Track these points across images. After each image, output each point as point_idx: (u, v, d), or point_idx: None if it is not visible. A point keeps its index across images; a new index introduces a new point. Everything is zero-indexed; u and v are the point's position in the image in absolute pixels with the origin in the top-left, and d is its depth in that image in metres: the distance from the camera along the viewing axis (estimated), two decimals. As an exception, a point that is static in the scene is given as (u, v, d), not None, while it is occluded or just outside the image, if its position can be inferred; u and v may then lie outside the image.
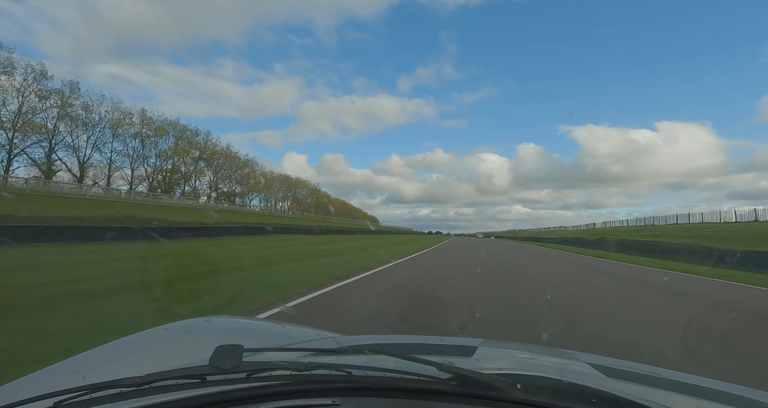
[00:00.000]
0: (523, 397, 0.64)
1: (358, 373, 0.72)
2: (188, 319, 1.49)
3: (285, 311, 5.24)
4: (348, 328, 4.57)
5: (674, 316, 6.16)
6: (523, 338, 4.27)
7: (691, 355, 3.88)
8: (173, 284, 6.93)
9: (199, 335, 1.33)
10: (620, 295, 8.53)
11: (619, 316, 6.07)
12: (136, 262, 11.10)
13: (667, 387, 0.90)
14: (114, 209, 25.14)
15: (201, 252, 15.25)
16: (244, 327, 1.59)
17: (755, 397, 0.83)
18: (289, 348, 0.97)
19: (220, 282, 7.64)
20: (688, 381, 0.95)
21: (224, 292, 6.52)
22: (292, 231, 40.43)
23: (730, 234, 21.66)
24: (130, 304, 5.32)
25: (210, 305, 5.43)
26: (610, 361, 1.10)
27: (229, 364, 0.68)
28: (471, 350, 1.01)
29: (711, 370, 3.34)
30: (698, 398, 0.80)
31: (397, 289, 7.82)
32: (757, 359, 3.90)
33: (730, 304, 7.59)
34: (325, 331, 1.45)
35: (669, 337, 4.68)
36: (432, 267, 13.27)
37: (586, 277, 11.52)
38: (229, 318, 1.88)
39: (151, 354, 1.16)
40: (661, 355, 3.87)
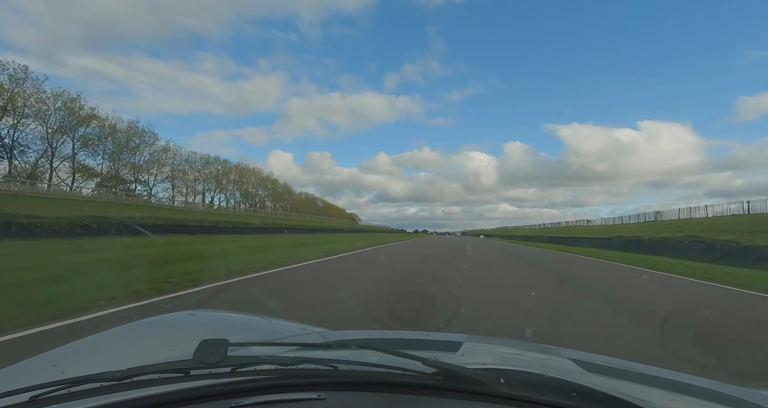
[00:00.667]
0: (506, 391, 0.66)
1: (344, 367, 0.72)
2: (172, 313, 1.47)
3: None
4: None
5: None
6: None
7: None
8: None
9: (183, 329, 1.32)
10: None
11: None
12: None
13: (642, 381, 0.93)
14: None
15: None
16: (230, 321, 1.58)
17: (723, 390, 0.87)
18: (274, 342, 0.96)
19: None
20: (662, 375, 0.98)
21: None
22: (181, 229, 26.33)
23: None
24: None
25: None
26: (590, 357, 1.13)
27: (213, 358, 0.68)
28: (456, 345, 1.03)
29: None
30: (671, 392, 0.83)
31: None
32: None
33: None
34: (311, 326, 1.44)
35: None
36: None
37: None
38: (214, 312, 1.87)
39: (133, 348, 1.14)
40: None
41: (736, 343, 4.21)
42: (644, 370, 1.04)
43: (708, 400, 0.81)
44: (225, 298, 5.95)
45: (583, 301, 6.81)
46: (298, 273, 9.08)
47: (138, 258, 10.58)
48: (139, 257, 10.85)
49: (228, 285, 6.87)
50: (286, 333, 1.34)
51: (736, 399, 0.82)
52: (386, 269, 11.26)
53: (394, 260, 14.30)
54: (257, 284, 7.13)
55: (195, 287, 6.31)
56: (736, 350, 3.93)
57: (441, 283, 8.10)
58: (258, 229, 38.77)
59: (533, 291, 7.49)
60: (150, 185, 50.51)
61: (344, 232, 61.12)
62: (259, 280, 7.67)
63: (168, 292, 5.76)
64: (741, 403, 0.81)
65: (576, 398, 0.63)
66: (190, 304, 5.27)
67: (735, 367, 3.34)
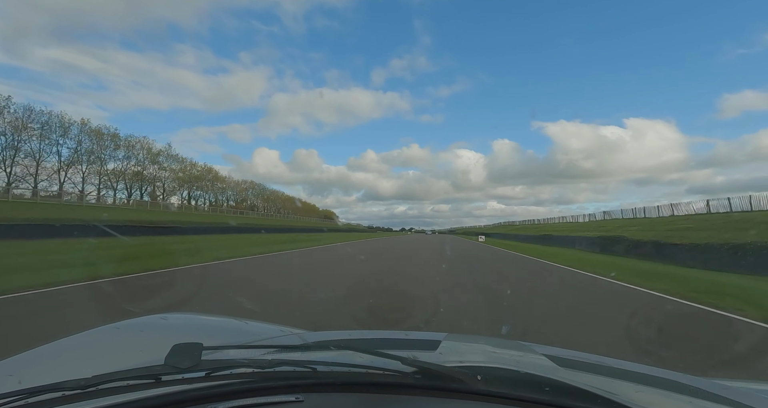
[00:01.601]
0: (483, 388, 0.67)
1: (322, 368, 0.71)
2: (142, 317, 1.41)
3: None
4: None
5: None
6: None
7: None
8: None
9: (154, 333, 1.27)
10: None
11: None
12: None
13: (610, 374, 0.97)
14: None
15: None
16: (204, 324, 1.53)
17: (682, 380, 0.93)
18: (251, 345, 0.94)
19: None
20: (628, 368, 1.04)
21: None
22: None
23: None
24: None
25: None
26: (563, 352, 1.17)
27: (186, 362, 0.66)
28: (435, 344, 1.04)
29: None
30: (637, 383, 0.87)
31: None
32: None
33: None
34: (289, 328, 1.42)
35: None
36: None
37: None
38: (187, 315, 1.80)
39: (99, 354, 1.08)
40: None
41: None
42: (612, 364, 1.09)
43: (668, 390, 0.86)
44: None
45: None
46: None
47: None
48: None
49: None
50: (264, 335, 1.31)
51: (692, 388, 0.88)
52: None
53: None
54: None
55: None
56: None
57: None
58: (227, 229, 36.78)
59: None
60: (114, 187, 47.49)
61: (323, 231, 59.00)
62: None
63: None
64: (696, 391, 0.86)
65: (549, 392, 0.66)
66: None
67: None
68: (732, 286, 9.31)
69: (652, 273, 11.81)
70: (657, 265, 15.11)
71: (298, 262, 12.80)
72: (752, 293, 8.23)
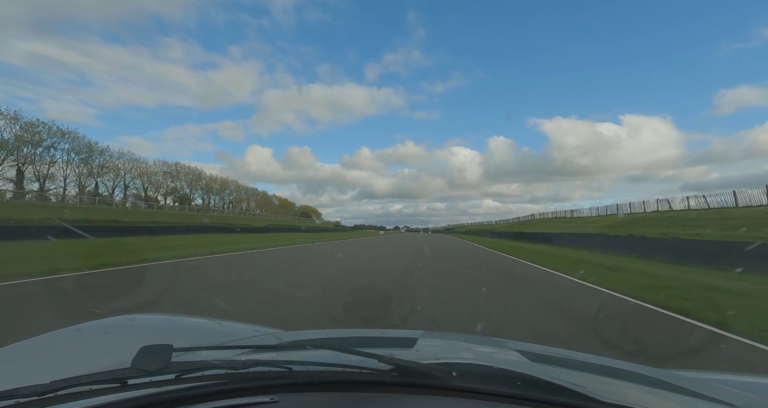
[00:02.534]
0: (458, 383, 0.68)
1: (298, 368, 0.70)
2: (106, 318, 1.34)
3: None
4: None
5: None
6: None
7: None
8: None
9: (119, 335, 1.21)
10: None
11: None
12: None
13: (578, 368, 1.02)
14: None
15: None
16: (175, 325, 1.48)
17: (643, 372, 0.99)
18: (224, 346, 0.91)
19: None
20: (595, 361, 1.09)
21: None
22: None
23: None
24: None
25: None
26: (534, 347, 1.21)
27: (155, 365, 0.63)
28: (412, 342, 1.05)
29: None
30: (603, 376, 0.92)
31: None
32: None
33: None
34: (264, 328, 1.39)
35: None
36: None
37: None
38: (156, 316, 1.73)
39: (58, 358, 1.02)
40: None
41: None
42: (580, 358, 1.14)
43: (630, 381, 0.91)
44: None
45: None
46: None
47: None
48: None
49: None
50: (238, 335, 1.28)
51: (652, 378, 0.94)
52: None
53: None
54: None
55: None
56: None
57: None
58: (194, 228, 33.56)
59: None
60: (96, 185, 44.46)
61: (301, 231, 56.39)
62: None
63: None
64: (655, 381, 0.92)
65: (521, 386, 0.68)
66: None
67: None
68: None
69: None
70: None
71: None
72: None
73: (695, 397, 0.82)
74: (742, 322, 4.71)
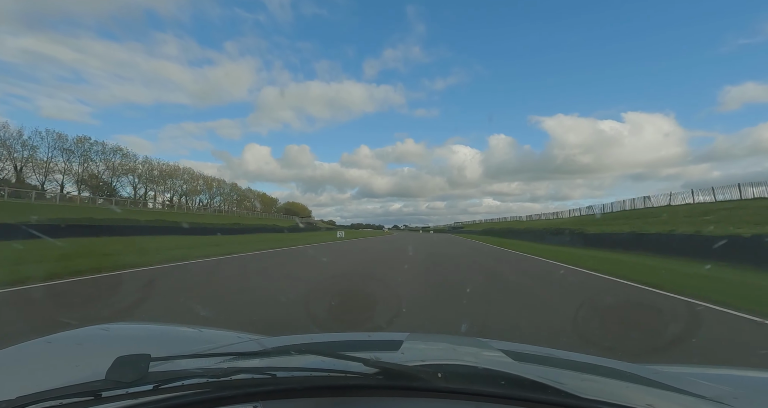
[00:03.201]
0: (443, 385, 0.69)
1: (282, 374, 0.69)
2: (79, 328, 1.28)
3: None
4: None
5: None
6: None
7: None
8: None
9: (93, 346, 1.16)
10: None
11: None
12: None
13: (559, 365, 1.05)
14: None
15: None
16: (153, 334, 1.43)
17: (622, 367, 1.02)
18: (205, 353, 0.89)
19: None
20: (577, 359, 1.12)
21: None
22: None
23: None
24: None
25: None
26: (517, 347, 1.23)
27: (131, 376, 0.61)
28: (397, 344, 1.05)
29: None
30: (583, 373, 0.95)
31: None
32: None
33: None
34: (248, 334, 1.36)
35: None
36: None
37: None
38: (133, 325, 1.67)
39: (27, 372, 0.97)
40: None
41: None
42: (561, 356, 1.17)
43: (609, 377, 0.94)
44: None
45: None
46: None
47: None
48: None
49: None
50: (220, 343, 1.25)
51: (628, 373, 0.97)
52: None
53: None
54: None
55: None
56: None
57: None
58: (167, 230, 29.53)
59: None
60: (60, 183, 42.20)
61: (282, 231, 53.24)
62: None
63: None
64: (632, 376, 0.95)
65: (505, 386, 0.69)
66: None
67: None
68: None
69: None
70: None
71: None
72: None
73: (669, 390, 0.85)
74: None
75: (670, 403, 0.76)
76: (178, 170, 63.06)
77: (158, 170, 58.22)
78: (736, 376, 1.18)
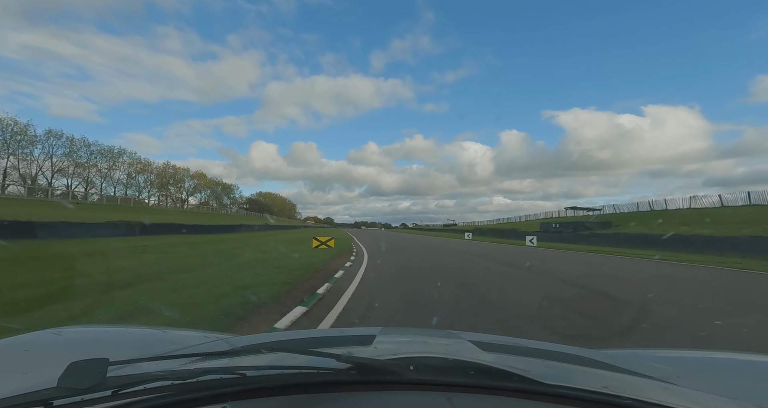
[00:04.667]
0: (414, 377, 0.70)
1: (252, 373, 0.68)
2: (27, 333, 1.18)
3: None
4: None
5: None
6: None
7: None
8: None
9: (44, 352, 1.08)
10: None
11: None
12: None
13: (525, 354, 1.10)
14: None
15: None
16: (112, 337, 1.35)
17: (580, 353, 1.09)
18: (169, 355, 0.85)
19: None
20: (540, 347, 1.18)
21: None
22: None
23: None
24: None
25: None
26: (486, 337, 1.28)
27: (87, 382, 0.57)
28: (370, 339, 1.06)
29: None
30: (546, 360, 1.00)
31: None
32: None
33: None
34: (215, 333, 1.32)
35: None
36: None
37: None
38: (89, 327, 1.56)
39: None
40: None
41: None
42: (526, 344, 1.23)
43: (569, 363, 1.00)
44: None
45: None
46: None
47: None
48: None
49: None
50: (186, 343, 1.20)
51: (586, 359, 1.04)
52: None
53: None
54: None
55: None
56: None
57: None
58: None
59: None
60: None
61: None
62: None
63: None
64: (589, 361, 1.02)
65: (474, 375, 0.71)
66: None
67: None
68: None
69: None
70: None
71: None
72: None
73: (622, 372, 0.92)
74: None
75: (622, 384, 0.82)
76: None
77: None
78: (680, 356, 1.30)
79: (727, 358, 1.29)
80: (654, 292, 6.91)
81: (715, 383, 0.93)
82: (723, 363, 1.22)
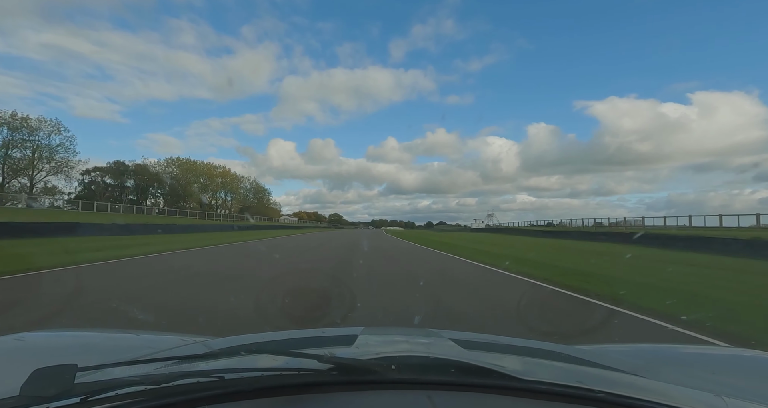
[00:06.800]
0: (396, 376, 0.70)
1: (231, 376, 0.66)
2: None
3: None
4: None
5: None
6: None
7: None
8: None
9: (5, 360, 1.02)
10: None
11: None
12: None
13: (503, 351, 1.13)
14: None
15: None
16: (80, 342, 1.28)
17: (556, 349, 1.13)
18: (143, 359, 0.82)
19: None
20: (518, 344, 1.21)
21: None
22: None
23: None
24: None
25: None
26: (466, 335, 1.30)
27: (53, 389, 0.54)
28: (352, 339, 1.05)
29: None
30: (523, 356, 1.03)
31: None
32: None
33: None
34: (192, 336, 1.28)
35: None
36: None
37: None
38: (55, 332, 1.48)
39: None
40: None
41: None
42: (504, 341, 1.26)
43: (544, 359, 1.04)
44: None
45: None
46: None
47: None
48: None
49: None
50: (161, 347, 1.16)
51: (561, 354, 1.08)
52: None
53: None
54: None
55: None
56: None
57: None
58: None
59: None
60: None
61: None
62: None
63: None
64: (563, 356, 1.06)
65: (455, 373, 0.73)
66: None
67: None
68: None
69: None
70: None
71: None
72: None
73: (595, 366, 0.96)
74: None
75: (595, 378, 0.85)
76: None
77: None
78: (649, 350, 1.36)
79: (689, 352, 1.38)
80: None
81: (679, 375, 0.99)
82: (686, 356, 1.31)
